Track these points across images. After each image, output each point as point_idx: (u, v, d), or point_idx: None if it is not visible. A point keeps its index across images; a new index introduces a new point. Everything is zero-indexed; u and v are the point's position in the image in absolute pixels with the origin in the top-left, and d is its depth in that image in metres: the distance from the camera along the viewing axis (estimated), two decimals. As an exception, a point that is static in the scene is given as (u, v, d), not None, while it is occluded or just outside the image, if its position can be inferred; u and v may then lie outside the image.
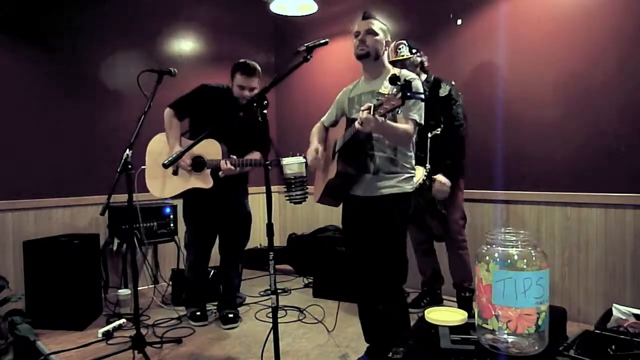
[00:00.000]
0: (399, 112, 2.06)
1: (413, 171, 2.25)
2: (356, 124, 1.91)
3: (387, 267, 2.18)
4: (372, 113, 1.81)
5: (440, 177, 2.84)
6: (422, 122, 2.16)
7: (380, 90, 2.03)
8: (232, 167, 2.74)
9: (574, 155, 2.92)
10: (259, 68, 2.93)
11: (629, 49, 2.71)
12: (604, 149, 2.81)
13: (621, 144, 2.74)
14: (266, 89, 1.95)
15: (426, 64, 3.05)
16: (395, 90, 1.75)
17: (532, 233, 1.79)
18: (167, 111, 2.91)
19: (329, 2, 4.10)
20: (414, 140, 2.22)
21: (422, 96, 1.80)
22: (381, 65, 2.26)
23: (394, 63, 3.01)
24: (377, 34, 2.19)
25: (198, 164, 2.85)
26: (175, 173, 2.90)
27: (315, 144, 2.37)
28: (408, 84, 1.74)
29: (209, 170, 2.83)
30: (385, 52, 2.27)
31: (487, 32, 3.28)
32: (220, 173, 2.77)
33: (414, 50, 2.97)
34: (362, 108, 1.87)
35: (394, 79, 1.79)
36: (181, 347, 2.67)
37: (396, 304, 2.25)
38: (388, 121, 1.93)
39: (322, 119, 2.51)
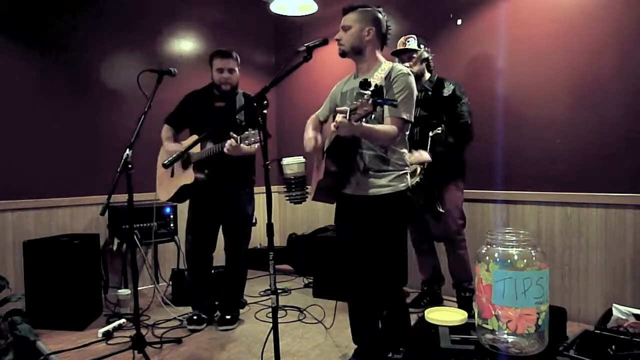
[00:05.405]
0: (387, 111, 2.03)
1: (406, 168, 2.18)
2: (332, 127, 1.86)
3: (383, 271, 2.14)
4: (347, 117, 1.74)
5: (422, 151, 2.78)
6: (412, 120, 2.09)
7: (363, 90, 1.98)
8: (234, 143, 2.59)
9: (574, 155, 2.92)
10: (236, 53, 2.97)
11: (630, 49, 2.71)
12: (604, 148, 2.81)
13: (621, 144, 2.74)
14: (266, 89, 1.95)
15: (432, 63, 3.05)
16: (366, 96, 1.69)
17: (532, 233, 1.79)
18: (163, 127, 3.04)
19: (329, 2, 4.09)
20: (405, 137, 2.16)
21: (395, 102, 1.72)
22: (370, 58, 2.16)
23: (400, 52, 3.01)
24: (350, 27, 2.11)
25: (185, 162, 2.89)
26: (172, 175, 2.99)
27: (310, 133, 2.26)
28: (379, 89, 1.67)
29: (191, 166, 2.86)
30: (373, 42, 2.14)
31: (487, 32, 3.28)
32: (225, 149, 2.65)
33: (421, 46, 2.98)
34: (338, 110, 1.81)
35: (364, 84, 1.73)
36: (181, 347, 2.67)
37: (397, 308, 2.22)
38: (365, 124, 1.85)
39: (317, 113, 2.44)
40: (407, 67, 2.36)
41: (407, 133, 2.19)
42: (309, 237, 4.00)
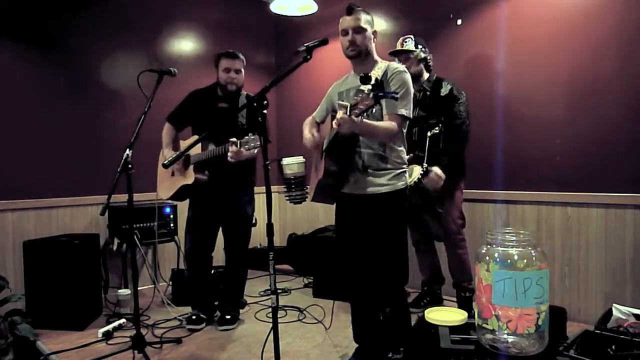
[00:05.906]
0: (385, 109, 2.04)
1: (405, 166, 2.19)
2: (333, 124, 1.87)
3: (384, 269, 2.14)
4: (348, 113, 1.76)
5: (436, 169, 2.79)
6: (411, 116, 2.11)
7: (362, 87, 1.94)
8: (235, 149, 2.60)
9: (574, 155, 2.92)
10: (242, 55, 2.98)
11: (630, 49, 2.70)
12: (604, 148, 2.80)
13: (621, 144, 2.74)
14: (266, 89, 1.95)
15: (430, 62, 3.05)
16: (367, 90, 1.71)
17: (532, 233, 1.79)
18: (165, 125, 3.05)
19: (329, 2, 4.09)
20: (403, 135, 2.17)
21: (396, 95, 1.74)
22: (371, 58, 2.20)
23: (397, 53, 3.02)
24: (365, 30, 2.13)
25: (185, 162, 2.90)
26: (173, 174, 3.00)
27: (307, 132, 2.29)
28: (379, 83, 1.69)
29: (192, 166, 2.87)
30: (374, 44, 2.20)
31: (487, 32, 3.28)
32: (229, 157, 2.66)
33: (419, 46, 2.98)
34: (339, 104, 1.83)
35: (364, 79, 1.76)
36: (181, 347, 2.67)
37: (398, 308, 2.22)
38: (366, 120, 1.88)
39: (313, 114, 2.45)
40: None
41: (405, 131, 2.19)
42: (309, 237, 4.00)
